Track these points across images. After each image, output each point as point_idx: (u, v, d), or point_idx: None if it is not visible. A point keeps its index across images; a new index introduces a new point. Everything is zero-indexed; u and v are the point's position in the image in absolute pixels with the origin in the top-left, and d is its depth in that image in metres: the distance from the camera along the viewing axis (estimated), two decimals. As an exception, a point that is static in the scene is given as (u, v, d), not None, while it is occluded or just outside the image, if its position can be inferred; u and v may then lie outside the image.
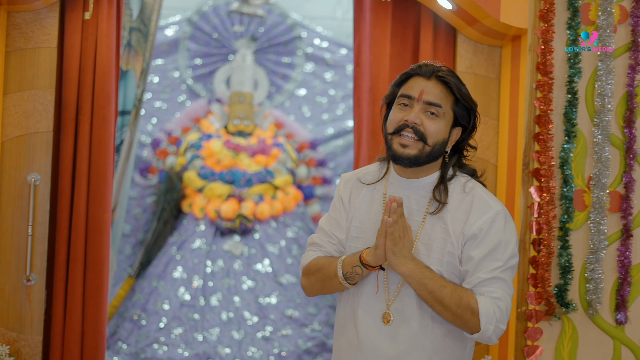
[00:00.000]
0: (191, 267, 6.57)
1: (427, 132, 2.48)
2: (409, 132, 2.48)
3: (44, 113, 4.26)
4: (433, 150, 2.50)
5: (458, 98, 2.53)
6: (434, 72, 2.53)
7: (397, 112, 2.53)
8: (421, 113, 2.49)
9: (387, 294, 2.52)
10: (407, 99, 2.52)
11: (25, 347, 4.21)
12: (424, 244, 2.51)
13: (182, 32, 7.46)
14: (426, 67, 2.55)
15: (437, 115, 2.49)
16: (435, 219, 2.52)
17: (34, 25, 4.28)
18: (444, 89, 2.51)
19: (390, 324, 2.49)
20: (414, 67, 2.59)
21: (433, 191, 2.54)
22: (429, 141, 2.48)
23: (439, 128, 2.49)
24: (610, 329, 3.90)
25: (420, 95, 2.50)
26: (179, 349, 6.15)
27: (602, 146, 3.85)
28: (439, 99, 2.50)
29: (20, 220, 4.24)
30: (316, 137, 7.41)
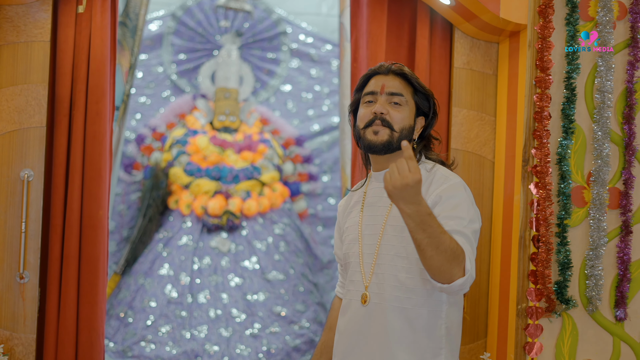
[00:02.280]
0: (178, 264, 6.52)
1: (393, 119, 2.68)
2: (378, 124, 2.68)
3: (37, 108, 4.20)
4: (401, 135, 2.69)
5: (417, 87, 2.76)
6: (390, 68, 2.77)
7: (365, 109, 2.74)
8: (386, 104, 2.71)
9: (363, 276, 2.70)
10: (371, 95, 2.75)
11: (18, 345, 4.15)
12: (392, 226, 2.67)
13: (166, 27, 7.40)
14: (382, 66, 2.79)
15: (400, 104, 2.71)
16: None
17: (26, 18, 4.21)
18: (402, 81, 2.75)
19: (367, 304, 2.66)
20: (372, 68, 2.83)
21: None
22: (396, 127, 2.68)
23: (403, 115, 2.70)
24: (609, 325, 3.91)
25: (382, 89, 2.72)
26: (166, 346, 6.11)
27: (602, 142, 3.85)
28: (400, 89, 2.73)
29: (13, 216, 4.17)
30: (302, 133, 7.38)
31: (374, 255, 2.68)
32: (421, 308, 2.60)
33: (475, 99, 4.40)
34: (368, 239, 2.72)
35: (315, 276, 6.80)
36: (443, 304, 2.64)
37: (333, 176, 7.30)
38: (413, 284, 2.59)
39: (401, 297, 2.60)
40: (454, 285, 2.40)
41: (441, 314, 2.63)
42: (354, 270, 2.75)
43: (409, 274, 2.60)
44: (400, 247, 2.63)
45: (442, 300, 2.63)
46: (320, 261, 6.86)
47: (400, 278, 2.61)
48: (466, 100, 4.39)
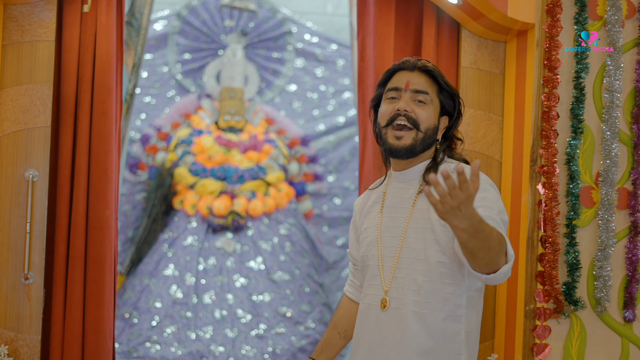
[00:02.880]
0: (183, 264, 6.51)
1: (419, 118, 2.60)
2: (402, 120, 2.61)
3: (42, 108, 4.18)
4: (426, 136, 2.61)
5: (442, 86, 2.68)
6: (416, 65, 2.68)
7: (387, 106, 2.65)
8: (410, 101, 2.62)
9: (383, 280, 2.62)
10: (394, 91, 2.66)
11: (23, 346, 4.13)
12: (413, 228, 2.59)
13: (171, 27, 7.39)
14: (408, 61, 2.70)
15: (425, 103, 2.62)
16: (422, 201, 2.60)
17: (31, 18, 4.20)
18: (427, 79, 2.66)
19: (386, 309, 2.58)
20: (396, 63, 2.74)
21: (423, 174, 2.65)
22: (421, 127, 2.60)
23: (428, 114, 2.62)
24: (618, 326, 3.89)
25: (407, 85, 2.63)
26: (172, 347, 6.10)
27: (611, 142, 3.83)
28: (425, 87, 2.64)
29: (18, 217, 4.15)
30: (307, 133, 7.37)
31: (394, 258, 2.60)
32: (440, 313, 2.52)
33: (482, 99, 4.38)
34: (388, 241, 2.64)
35: (321, 276, 6.78)
36: (462, 308, 2.56)
37: (339, 176, 7.29)
38: (431, 288, 2.52)
39: (420, 302, 2.53)
40: (499, 273, 2.28)
41: (461, 318, 2.56)
42: (373, 274, 2.67)
43: (427, 277, 2.52)
44: (420, 250, 2.55)
45: (462, 304, 2.55)
46: (325, 261, 6.85)
47: (419, 282, 2.53)
48: (473, 100, 4.36)
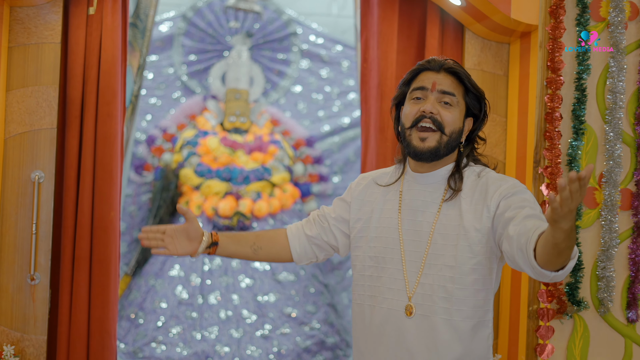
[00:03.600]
0: (188, 265, 6.53)
1: (444, 120, 2.54)
2: (427, 122, 2.53)
3: (47, 109, 4.20)
4: (450, 139, 2.55)
5: (468, 87, 2.61)
6: (442, 65, 2.61)
7: (412, 106, 2.59)
8: (436, 103, 2.55)
9: (407, 285, 2.54)
10: (420, 91, 2.59)
11: (29, 347, 4.15)
12: (440, 234, 2.52)
13: (177, 28, 7.41)
14: (434, 61, 2.62)
15: (451, 105, 2.56)
16: (449, 207, 2.54)
17: (37, 20, 4.22)
18: (454, 80, 2.59)
19: (412, 316, 2.50)
20: (421, 62, 2.66)
21: (448, 180, 2.58)
22: (447, 130, 2.54)
23: (454, 117, 2.56)
24: (621, 327, 3.90)
25: (433, 86, 2.57)
26: (177, 347, 6.11)
27: (614, 143, 3.84)
28: (452, 88, 2.57)
29: (24, 218, 4.18)
30: (312, 134, 7.38)
31: (420, 264, 2.52)
32: (471, 320, 2.48)
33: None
34: (411, 245, 2.56)
35: (326, 277, 6.79)
36: (489, 313, 2.54)
37: (344, 177, 7.30)
38: (464, 295, 2.47)
39: (451, 310, 2.47)
40: (567, 268, 2.24)
41: (489, 323, 2.54)
42: (393, 278, 2.57)
43: (458, 285, 2.46)
44: (450, 256, 2.48)
45: (489, 309, 2.54)
46: (330, 262, 6.86)
47: (449, 289, 2.47)
48: (477, 101, 4.37)
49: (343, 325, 6.50)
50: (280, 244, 2.84)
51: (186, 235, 2.70)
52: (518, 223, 2.33)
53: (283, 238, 2.85)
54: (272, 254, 2.83)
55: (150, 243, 2.67)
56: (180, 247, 2.69)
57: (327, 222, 2.82)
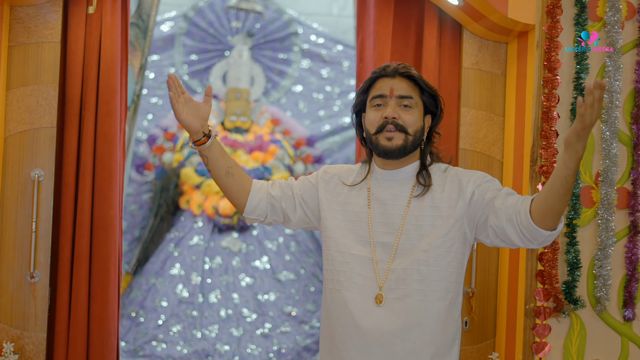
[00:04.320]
0: (189, 264, 6.55)
1: (406, 122, 2.67)
2: (391, 128, 2.66)
3: (47, 108, 4.23)
4: (415, 138, 2.68)
5: (423, 88, 2.73)
6: (397, 70, 2.73)
7: (374, 113, 2.71)
8: (396, 107, 2.68)
9: (377, 275, 2.65)
10: (380, 98, 2.71)
11: (29, 344, 4.18)
12: (413, 224, 2.65)
13: (178, 28, 7.43)
14: (389, 67, 2.74)
15: (410, 107, 2.69)
16: (420, 201, 2.68)
17: (37, 19, 4.25)
18: (409, 83, 2.72)
19: (382, 304, 2.60)
20: (377, 70, 2.77)
21: (417, 177, 2.72)
22: (410, 130, 2.67)
23: (415, 117, 2.69)
24: (618, 325, 3.91)
25: (391, 92, 2.69)
26: (177, 346, 6.14)
27: (610, 142, 3.85)
28: (409, 91, 2.70)
29: (23, 216, 4.20)
30: (313, 133, 7.40)
31: (391, 252, 2.64)
32: (444, 300, 2.60)
33: (484, 99, 4.41)
34: (382, 236, 2.67)
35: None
36: (460, 296, 2.67)
37: (344, 177, 7.30)
38: (438, 277, 2.60)
39: (425, 291, 2.59)
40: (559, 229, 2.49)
41: (459, 305, 2.67)
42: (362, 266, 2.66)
43: (433, 267, 2.59)
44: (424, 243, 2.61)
45: (460, 292, 2.66)
46: (330, 261, 6.87)
47: (423, 272, 2.59)
48: (475, 101, 4.39)
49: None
50: (244, 186, 2.86)
51: (195, 110, 2.76)
52: (503, 198, 2.57)
53: (248, 183, 2.87)
54: (235, 188, 2.85)
55: (171, 88, 2.76)
56: (185, 114, 2.75)
57: (292, 192, 2.89)
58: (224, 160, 2.82)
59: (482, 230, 2.63)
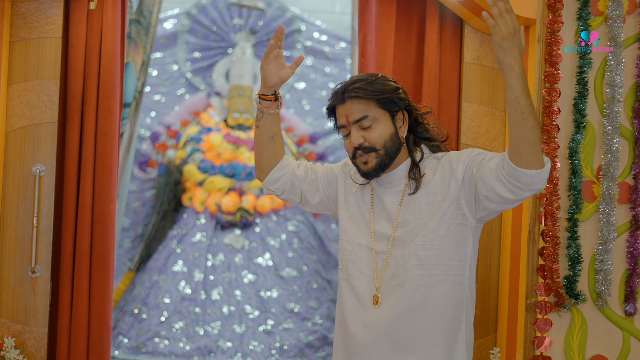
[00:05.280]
0: (192, 260, 6.56)
1: (372, 141, 2.64)
2: (360, 153, 2.65)
3: (48, 104, 4.23)
4: (387, 149, 2.66)
5: (378, 98, 2.66)
6: (343, 95, 2.67)
7: (346, 143, 2.72)
8: (358, 132, 2.65)
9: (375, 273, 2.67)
10: (343, 129, 2.70)
11: (30, 339, 4.18)
12: (411, 214, 2.65)
13: (181, 25, 7.44)
14: (336, 94, 2.71)
15: (370, 125, 2.64)
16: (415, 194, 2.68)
17: (38, 15, 4.25)
18: (362, 101, 2.65)
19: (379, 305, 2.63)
20: (329, 99, 2.75)
21: (408, 174, 2.70)
22: (378, 146, 2.64)
23: (379, 132, 2.64)
24: (619, 320, 3.90)
25: (347, 121, 2.66)
26: (180, 342, 6.15)
27: (612, 137, 3.85)
28: (362, 111, 2.64)
29: (25, 211, 4.21)
30: (316, 130, 7.40)
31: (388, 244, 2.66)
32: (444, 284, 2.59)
33: (485, 94, 4.40)
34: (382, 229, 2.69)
35: (329, 273, 6.81)
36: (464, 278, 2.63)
37: (347, 174, 7.30)
38: (436, 261, 2.59)
39: (424, 275, 2.59)
40: (546, 169, 2.39)
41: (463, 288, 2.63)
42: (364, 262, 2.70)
43: (430, 252, 2.59)
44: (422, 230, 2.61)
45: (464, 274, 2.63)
46: (333, 258, 6.88)
47: (421, 256, 2.59)
48: (476, 96, 4.39)
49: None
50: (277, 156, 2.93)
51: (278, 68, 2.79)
52: (485, 165, 2.52)
53: (281, 155, 2.93)
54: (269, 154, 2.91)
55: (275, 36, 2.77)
56: (270, 65, 2.78)
57: (316, 176, 2.93)
58: (275, 126, 2.88)
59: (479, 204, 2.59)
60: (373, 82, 2.68)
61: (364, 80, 2.69)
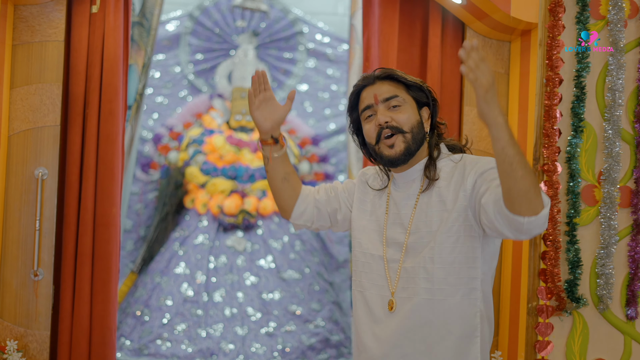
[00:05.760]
0: (194, 262, 6.57)
1: (400, 122, 2.62)
2: (387, 133, 2.62)
3: (51, 107, 4.25)
4: (414, 134, 2.63)
5: (407, 84, 2.68)
6: (374, 77, 2.70)
7: (368, 125, 2.68)
8: (386, 111, 2.63)
9: (389, 281, 2.64)
10: (368, 109, 2.68)
11: (32, 342, 4.20)
12: (423, 222, 2.61)
13: (184, 27, 7.45)
14: (366, 77, 2.73)
15: (399, 105, 2.64)
16: (428, 196, 2.64)
17: (40, 18, 4.27)
18: (391, 83, 2.67)
19: (394, 310, 2.60)
20: (356, 83, 2.75)
21: (424, 171, 2.67)
22: (405, 128, 2.62)
23: (407, 114, 2.63)
24: (620, 324, 3.91)
25: (376, 99, 2.65)
26: (182, 345, 6.16)
27: (613, 141, 3.86)
28: (392, 91, 2.65)
29: (27, 214, 4.22)
30: (318, 132, 7.41)
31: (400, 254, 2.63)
32: (453, 297, 2.55)
33: (487, 98, 4.40)
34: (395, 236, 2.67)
35: (331, 275, 6.82)
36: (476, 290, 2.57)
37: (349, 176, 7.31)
38: (444, 274, 2.55)
39: (432, 289, 2.55)
40: (541, 216, 2.29)
41: (475, 301, 2.57)
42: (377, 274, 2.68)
43: (438, 265, 2.55)
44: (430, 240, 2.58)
45: (476, 287, 2.57)
46: (336, 260, 6.89)
47: (429, 269, 2.56)
48: (478, 99, 4.39)
49: (347, 323, 6.52)
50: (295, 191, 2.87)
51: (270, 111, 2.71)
52: (490, 192, 2.42)
53: (299, 189, 2.88)
54: (286, 194, 2.86)
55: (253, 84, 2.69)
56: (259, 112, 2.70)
57: (335, 193, 2.89)
58: (285, 166, 2.81)
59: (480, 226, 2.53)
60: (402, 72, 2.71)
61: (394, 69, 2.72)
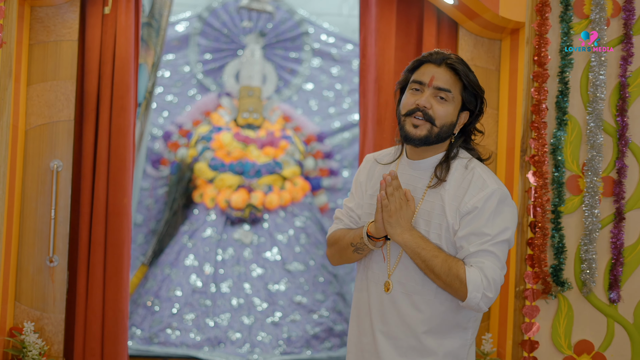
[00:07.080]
0: (202, 255, 6.68)
1: (436, 114, 2.59)
2: (419, 116, 2.60)
3: (65, 103, 4.46)
4: (441, 131, 2.61)
5: (466, 84, 2.63)
6: (444, 60, 2.64)
7: (409, 97, 2.65)
8: (431, 97, 2.60)
9: (388, 263, 2.69)
10: (418, 84, 2.64)
11: (48, 324, 4.41)
12: (424, 220, 2.63)
13: (193, 28, 7.55)
14: (437, 54, 2.66)
15: (445, 100, 2.61)
16: (434, 196, 2.64)
17: (55, 19, 4.48)
18: (453, 76, 2.63)
19: (390, 292, 2.65)
20: (425, 54, 2.69)
21: (435, 168, 2.66)
22: (437, 122, 2.60)
23: (447, 111, 2.61)
24: (603, 307, 4.07)
25: (430, 81, 2.61)
26: (191, 333, 6.29)
27: (595, 133, 4.01)
28: (448, 84, 2.61)
29: (43, 204, 4.44)
30: (323, 130, 7.49)
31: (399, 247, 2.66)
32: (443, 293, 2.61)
33: (479, 94, 4.58)
34: None
35: (335, 267, 6.90)
36: None
37: (353, 172, 7.39)
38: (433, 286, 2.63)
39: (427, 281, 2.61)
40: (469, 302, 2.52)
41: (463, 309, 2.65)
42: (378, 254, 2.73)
43: None
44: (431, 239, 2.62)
45: None
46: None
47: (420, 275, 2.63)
48: (470, 95, 4.57)
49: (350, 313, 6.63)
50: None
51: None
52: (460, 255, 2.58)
53: None
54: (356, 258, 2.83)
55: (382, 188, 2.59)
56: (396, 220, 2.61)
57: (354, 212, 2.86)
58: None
59: None
60: (472, 72, 2.68)
61: (465, 64, 2.68)
